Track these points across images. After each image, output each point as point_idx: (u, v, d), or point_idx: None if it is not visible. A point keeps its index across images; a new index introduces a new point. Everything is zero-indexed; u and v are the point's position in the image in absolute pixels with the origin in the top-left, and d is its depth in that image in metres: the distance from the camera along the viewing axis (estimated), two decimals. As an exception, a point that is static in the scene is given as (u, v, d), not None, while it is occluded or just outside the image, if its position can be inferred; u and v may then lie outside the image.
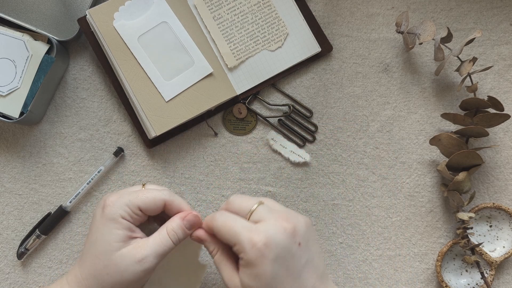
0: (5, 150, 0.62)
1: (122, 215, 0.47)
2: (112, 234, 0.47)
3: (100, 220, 0.48)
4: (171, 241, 0.48)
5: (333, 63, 0.63)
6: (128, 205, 0.48)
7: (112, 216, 0.47)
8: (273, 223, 0.44)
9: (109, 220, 0.47)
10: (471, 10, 0.63)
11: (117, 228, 0.47)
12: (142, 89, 0.58)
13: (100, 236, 0.47)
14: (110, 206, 0.48)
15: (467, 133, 0.59)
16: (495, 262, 0.59)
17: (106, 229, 0.47)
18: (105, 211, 0.48)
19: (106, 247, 0.47)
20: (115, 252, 0.47)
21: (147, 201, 0.48)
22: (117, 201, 0.48)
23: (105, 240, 0.47)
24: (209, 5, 0.61)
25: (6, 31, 0.58)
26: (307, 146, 0.62)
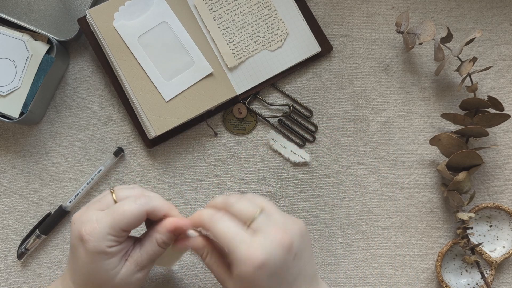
0: (5, 150, 0.62)
1: (108, 245, 0.45)
2: (106, 265, 0.45)
3: (85, 255, 0.45)
4: (162, 249, 0.48)
5: (333, 63, 0.63)
6: (110, 233, 0.45)
7: (98, 250, 0.44)
8: (272, 237, 0.44)
9: (96, 254, 0.45)
10: (471, 10, 0.63)
11: (108, 258, 0.45)
12: (142, 89, 0.59)
13: (93, 270, 0.45)
14: (91, 241, 0.44)
15: (467, 133, 0.59)
16: (495, 262, 0.59)
17: (98, 264, 0.45)
18: (88, 246, 0.44)
19: (105, 278, 0.46)
20: (116, 277, 0.46)
21: (127, 220, 0.45)
22: (95, 232, 0.44)
23: (102, 272, 0.45)
24: (209, 5, 0.61)
25: (6, 31, 0.58)
26: (307, 146, 0.62)
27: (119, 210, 0.45)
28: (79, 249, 0.45)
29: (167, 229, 0.47)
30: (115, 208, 0.46)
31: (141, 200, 0.46)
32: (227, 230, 0.44)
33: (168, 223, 0.47)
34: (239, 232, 0.44)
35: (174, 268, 0.60)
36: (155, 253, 0.48)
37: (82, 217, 0.46)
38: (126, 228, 0.45)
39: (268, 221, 0.45)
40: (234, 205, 0.46)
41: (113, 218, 0.45)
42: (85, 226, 0.45)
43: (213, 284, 0.61)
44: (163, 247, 0.48)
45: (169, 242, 0.48)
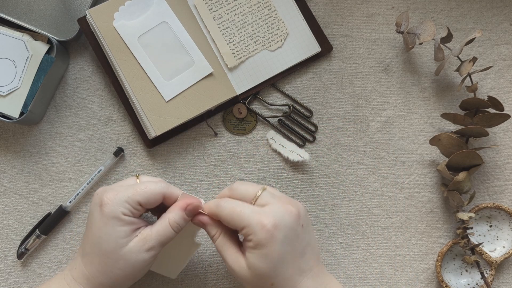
0: (5, 150, 0.62)
1: (123, 212, 0.48)
2: (117, 232, 0.48)
3: (100, 219, 0.48)
4: (174, 231, 0.49)
5: (333, 63, 0.63)
6: (128, 202, 0.48)
7: (113, 214, 0.47)
8: (279, 206, 0.47)
9: (111, 218, 0.48)
10: (471, 10, 0.63)
11: (120, 225, 0.48)
12: (142, 89, 0.59)
13: (104, 235, 0.48)
14: (109, 204, 0.48)
15: (467, 133, 0.59)
16: (495, 262, 0.59)
17: (110, 228, 0.48)
18: (105, 210, 0.48)
19: (113, 245, 0.47)
20: (123, 248, 0.48)
21: (146, 195, 0.49)
22: (115, 198, 0.48)
23: (111, 238, 0.48)
24: (209, 5, 0.61)
25: (6, 31, 0.58)
26: (307, 146, 0.62)
27: (140, 185, 0.49)
28: (95, 215, 0.48)
29: (179, 207, 0.49)
30: (137, 184, 0.50)
31: (161, 183, 0.50)
32: (235, 207, 0.47)
33: (182, 201, 0.50)
34: (245, 206, 0.47)
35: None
36: (166, 234, 0.49)
37: (107, 188, 0.50)
38: (142, 201, 0.48)
39: (273, 197, 0.49)
40: (237, 189, 0.50)
41: (134, 190, 0.49)
42: (107, 193, 0.49)
43: (213, 284, 0.61)
44: (174, 228, 0.49)
45: (181, 223, 0.49)
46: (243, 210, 0.47)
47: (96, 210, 0.49)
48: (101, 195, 0.49)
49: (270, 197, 0.48)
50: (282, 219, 0.46)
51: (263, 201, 0.48)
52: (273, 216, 0.46)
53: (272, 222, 0.46)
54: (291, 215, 0.47)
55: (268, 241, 0.45)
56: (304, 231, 0.48)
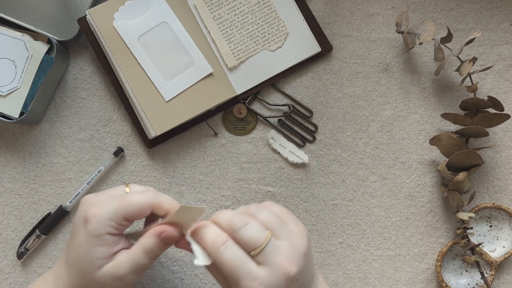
0: (5, 150, 0.62)
1: (108, 231, 0.44)
2: (95, 252, 0.44)
3: (83, 236, 0.45)
4: (148, 258, 0.45)
5: (333, 63, 0.63)
6: (113, 219, 0.44)
7: (96, 232, 0.44)
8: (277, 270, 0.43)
9: (93, 236, 0.44)
10: (471, 10, 0.63)
11: (100, 245, 0.44)
12: (142, 89, 0.59)
13: (83, 253, 0.45)
14: (94, 222, 0.44)
15: (467, 133, 0.59)
16: (495, 262, 0.59)
17: (90, 247, 0.44)
18: (89, 227, 0.44)
19: (89, 266, 0.45)
20: (97, 271, 0.45)
21: (132, 209, 0.45)
22: (98, 214, 0.44)
23: (89, 258, 0.45)
24: (209, 5, 0.61)
25: (6, 31, 0.59)
26: (307, 146, 0.62)
27: (126, 198, 0.46)
28: (80, 229, 0.45)
29: (155, 233, 0.45)
30: (123, 196, 0.46)
31: (149, 193, 0.47)
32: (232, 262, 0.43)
33: (158, 226, 0.45)
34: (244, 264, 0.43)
35: (174, 268, 0.60)
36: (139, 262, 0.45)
37: (91, 199, 0.47)
38: (128, 216, 0.45)
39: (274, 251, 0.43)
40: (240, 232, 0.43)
41: (119, 204, 0.45)
42: (92, 207, 0.45)
43: (213, 284, 0.61)
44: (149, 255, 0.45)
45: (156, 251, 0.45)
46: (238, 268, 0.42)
47: (80, 224, 0.45)
48: (86, 209, 0.45)
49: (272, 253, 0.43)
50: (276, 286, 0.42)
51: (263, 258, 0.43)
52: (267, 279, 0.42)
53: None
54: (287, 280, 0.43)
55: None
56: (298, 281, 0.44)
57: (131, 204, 0.45)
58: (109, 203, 0.45)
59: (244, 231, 0.43)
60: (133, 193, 0.47)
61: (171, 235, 0.45)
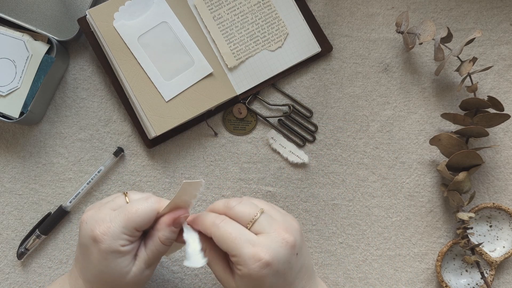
0: (5, 150, 0.62)
1: (122, 244, 0.46)
2: (119, 264, 0.46)
3: (98, 254, 0.46)
4: (167, 246, 0.48)
5: (333, 63, 0.63)
6: (124, 232, 0.46)
7: (111, 249, 0.45)
8: (275, 236, 0.45)
9: (110, 253, 0.45)
10: (471, 10, 0.63)
11: (121, 257, 0.46)
12: (142, 89, 0.59)
13: (106, 268, 0.46)
14: (106, 240, 0.45)
15: (467, 133, 0.59)
16: (495, 262, 0.59)
17: (111, 262, 0.46)
18: (102, 246, 0.45)
19: (118, 276, 0.46)
20: (127, 276, 0.47)
21: (140, 219, 0.46)
22: (109, 231, 0.45)
23: (114, 271, 0.46)
24: (209, 5, 0.61)
25: (6, 31, 0.58)
26: (307, 146, 0.62)
27: (132, 209, 0.46)
28: (92, 249, 0.46)
29: (166, 224, 0.47)
30: (127, 207, 0.47)
31: (151, 199, 0.48)
32: (230, 232, 0.44)
33: (166, 218, 0.47)
34: (242, 233, 0.45)
35: (174, 268, 0.60)
36: (160, 251, 0.48)
37: (95, 216, 0.47)
38: (139, 227, 0.46)
39: (269, 221, 0.46)
40: (234, 208, 0.47)
41: (127, 217, 0.46)
42: (99, 225, 0.46)
43: (213, 284, 0.61)
44: (167, 243, 0.48)
45: (172, 237, 0.48)
46: (237, 237, 0.44)
47: (91, 245, 0.46)
48: (92, 228, 0.46)
49: (267, 223, 0.46)
50: (277, 254, 0.44)
51: (260, 227, 0.45)
52: (268, 250, 0.43)
53: (267, 258, 0.43)
54: (287, 246, 0.44)
55: (260, 276, 0.43)
56: (298, 258, 0.46)
57: (139, 215, 0.46)
58: (116, 218, 0.46)
59: (238, 207, 0.46)
60: (137, 201, 0.48)
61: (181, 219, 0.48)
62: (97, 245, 0.45)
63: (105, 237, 0.45)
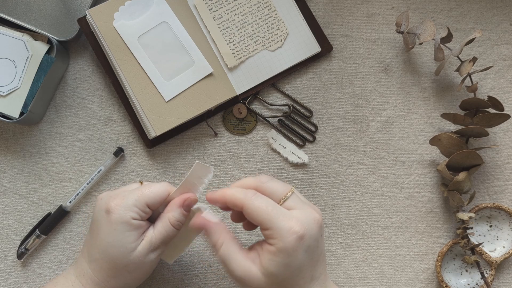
0: (5, 150, 0.62)
1: (132, 217, 0.48)
2: (126, 237, 0.48)
3: (108, 225, 0.48)
4: (176, 229, 0.50)
5: (333, 63, 0.63)
6: (136, 205, 0.48)
7: (122, 219, 0.48)
8: (307, 212, 0.46)
9: (120, 223, 0.48)
10: (471, 10, 0.63)
11: (129, 230, 0.48)
12: (142, 89, 0.59)
13: (113, 241, 0.48)
14: (117, 210, 0.48)
15: (467, 133, 0.59)
16: (495, 262, 0.59)
17: (119, 233, 0.48)
18: (113, 216, 0.48)
19: (123, 250, 0.48)
20: (132, 253, 0.48)
21: (153, 195, 0.49)
22: (122, 203, 0.48)
23: (120, 244, 0.48)
24: (209, 5, 0.61)
25: (6, 31, 0.58)
26: (307, 146, 0.62)
27: (146, 187, 0.50)
28: (103, 221, 0.48)
29: (177, 205, 0.49)
30: (144, 186, 0.50)
31: (165, 183, 0.51)
32: (264, 205, 0.45)
33: (177, 199, 0.50)
34: (276, 206, 0.46)
35: (174, 268, 0.60)
36: (168, 233, 0.49)
37: (111, 193, 0.50)
38: (150, 203, 0.49)
39: (299, 200, 0.48)
40: (266, 183, 0.48)
41: (141, 192, 0.49)
42: (114, 199, 0.49)
43: (213, 284, 0.61)
44: (176, 226, 0.49)
45: (182, 219, 0.50)
46: (274, 210, 0.45)
47: (102, 217, 0.49)
48: (106, 201, 0.49)
49: (298, 201, 0.47)
50: (310, 228, 0.45)
51: (291, 204, 0.47)
52: (303, 224, 0.45)
53: (303, 231, 0.44)
54: (317, 224, 0.46)
55: (294, 250, 0.44)
56: (322, 241, 0.47)
57: (152, 191, 0.49)
58: (131, 194, 0.49)
59: (271, 183, 0.48)
60: (153, 184, 0.51)
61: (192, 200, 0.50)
62: (109, 216, 0.48)
63: (117, 207, 0.48)
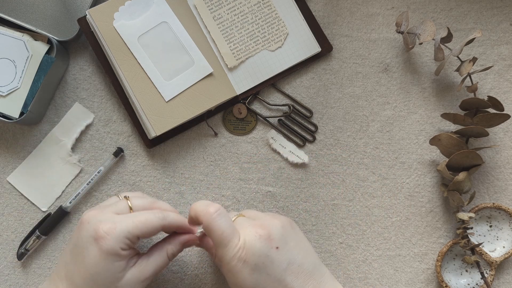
0: (5, 150, 0.62)
1: (122, 248, 0.46)
2: (115, 267, 0.46)
3: (97, 253, 0.45)
4: (169, 261, 0.50)
5: (333, 63, 0.63)
6: (128, 237, 0.46)
7: (112, 251, 0.45)
8: (247, 231, 0.46)
9: (110, 254, 0.45)
10: (471, 10, 0.63)
11: (118, 260, 0.46)
12: (142, 89, 0.58)
13: (101, 270, 0.46)
14: (107, 239, 0.45)
15: (467, 133, 0.59)
16: (495, 262, 0.59)
17: (108, 263, 0.46)
18: (102, 245, 0.45)
19: (111, 280, 0.46)
20: (120, 281, 0.47)
21: (147, 230, 0.47)
22: (113, 232, 0.45)
23: (109, 274, 0.46)
24: (209, 5, 0.61)
25: (6, 31, 0.58)
26: (307, 146, 0.62)
27: (141, 217, 0.47)
28: (90, 249, 0.46)
29: (181, 242, 0.50)
30: (137, 214, 0.48)
31: (159, 215, 0.48)
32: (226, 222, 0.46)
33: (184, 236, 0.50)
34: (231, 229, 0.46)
35: (174, 268, 0.60)
36: (162, 265, 0.49)
37: (99, 217, 0.47)
38: (142, 235, 0.47)
39: (245, 221, 0.48)
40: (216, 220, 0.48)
41: (135, 224, 0.46)
42: (104, 225, 0.46)
43: (213, 284, 0.61)
44: (171, 258, 0.50)
45: (177, 254, 0.50)
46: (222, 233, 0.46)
47: (90, 244, 0.46)
48: (95, 227, 0.46)
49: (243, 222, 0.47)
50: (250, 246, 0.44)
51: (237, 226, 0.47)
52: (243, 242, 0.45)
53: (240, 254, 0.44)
54: (260, 239, 0.45)
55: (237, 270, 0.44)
56: (280, 253, 0.45)
57: (147, 226, 0.47)
58: (122, 222, 0.46)
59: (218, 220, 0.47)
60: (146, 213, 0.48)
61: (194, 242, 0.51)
62: (98, 244, 0.45)
63: (108, 236, 0.45)
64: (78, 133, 0.60)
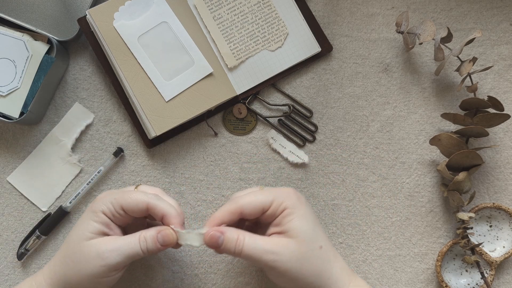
0: (5, 150, 0.62)
1: (102, 210, 0.49)
2: (88, 224, 0.48)
3: (84, 213, 0.50)
4: (140, 247, 0.48)
5: (333, 63, 0.63)
6: (112, 203, 0.49)
7: (93, 209, 0.49)
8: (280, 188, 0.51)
9: (90, 212, 0.49)
10: (471, 10, 0.63)
11: (94, 220, 0.48)
12: (142, 89, 0.58)
13: (77, 225, 0.49)
14: (96, 201, 0.50)
15: (467, 133, 0.59)
16: (495, 262, 0.59)
17: (84, 219, 0.49)
18: (91, 205, 0.50)
19: (79, 234, 0.48)
20: (84, 241, 0.48)
21: (129, 201, 0.49)
22: (104, 198, 0.50)
23: (80, 228, 0.49)
24: (209, 5, 0.61)
25: (6, 31, 0.58)
26: (307, 146, 0.62)
27: (128, 193, 0.50)
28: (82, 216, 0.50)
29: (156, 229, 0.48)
30: (128, 191, 0.51)
31: (149, 195, 0.50)
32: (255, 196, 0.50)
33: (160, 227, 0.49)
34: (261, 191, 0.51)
35: (174, 268, 0.60)
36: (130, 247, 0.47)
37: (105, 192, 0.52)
38: (125, 207, 0.48)
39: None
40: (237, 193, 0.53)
41: (120, 196, 0.49)
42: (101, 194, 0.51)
43: (213, 284, 0.61)
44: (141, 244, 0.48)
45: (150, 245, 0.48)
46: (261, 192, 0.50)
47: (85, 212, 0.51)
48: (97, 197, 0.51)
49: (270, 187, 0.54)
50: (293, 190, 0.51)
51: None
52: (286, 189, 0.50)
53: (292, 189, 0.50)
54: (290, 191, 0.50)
55: (300, 203, 0.49)
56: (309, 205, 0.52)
57: (131, 197, 0.49)
58: (114, 193, 0.50)
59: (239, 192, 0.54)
60: (138, 191, 0.51)
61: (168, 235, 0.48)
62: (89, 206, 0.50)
63: (97, 199, 0.50)
64: (78, 133, 0.61)
